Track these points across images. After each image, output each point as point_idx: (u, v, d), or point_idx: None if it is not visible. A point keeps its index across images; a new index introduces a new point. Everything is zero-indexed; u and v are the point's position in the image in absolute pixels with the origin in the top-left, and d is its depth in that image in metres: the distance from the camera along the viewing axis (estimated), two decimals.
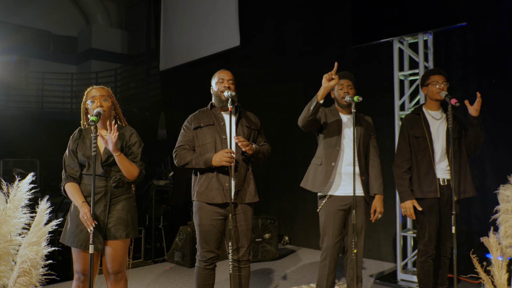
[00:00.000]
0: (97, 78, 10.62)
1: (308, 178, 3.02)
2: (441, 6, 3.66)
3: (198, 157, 2.62)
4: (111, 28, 12.41)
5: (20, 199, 1.96)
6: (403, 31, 3.88)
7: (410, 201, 2.96)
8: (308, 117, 2.79)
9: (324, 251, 2.94)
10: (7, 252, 1.83)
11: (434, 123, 3.08)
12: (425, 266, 3.05)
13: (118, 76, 10.27)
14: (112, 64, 11.50)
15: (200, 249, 2.69)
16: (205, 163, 2.59)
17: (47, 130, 9.35)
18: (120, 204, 2.46)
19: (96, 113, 2.31)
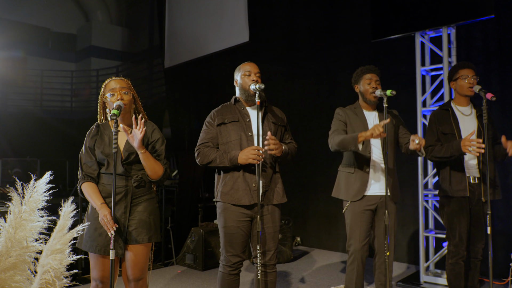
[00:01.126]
0: (98, 76, 10.40)
1: (340, 188, 2.87)
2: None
3: (222, 154, 2.46)
4: (111, 25, 12.20)
5: (37, 201, 1.78)
6: (426, 25, 3.73)
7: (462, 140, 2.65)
8: (343, 150, 2.72)
9: (352, 254, 2.79)
10: (23, 260, 1.66)
11: (464, 119, 2.93)
12: (455, 268, 2.92)
13: (119, 73, 10.06)
14: (113, 61, 11.28)
15: (225, 253, 2.52)
16: (230, 161, 2.42)
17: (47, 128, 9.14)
18: (142, 206, 2.29)
19: (116, 106, 2.14)
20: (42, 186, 1.79)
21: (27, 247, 1.71)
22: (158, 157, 2.34)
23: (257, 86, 2.40)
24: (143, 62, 10.22)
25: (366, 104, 2.88)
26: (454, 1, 3.58)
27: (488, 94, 2.70)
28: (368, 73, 2.87)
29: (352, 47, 5.13)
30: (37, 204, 1.78)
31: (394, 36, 3.95)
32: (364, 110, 2.87)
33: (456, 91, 2.97)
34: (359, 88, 2.91)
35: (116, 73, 9.90)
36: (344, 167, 2.87)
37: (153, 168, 2.25)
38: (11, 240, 1.73)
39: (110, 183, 2.24)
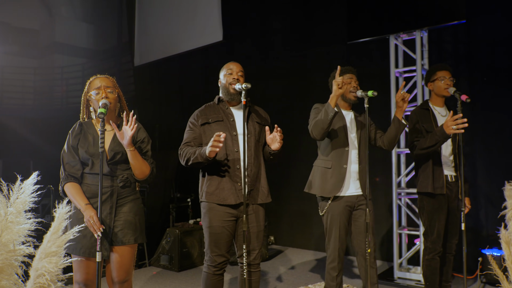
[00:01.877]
0: (62, 73, 10.04)
1: (314, 183, 2.87)
2: (440, 3, 3.65)
3: (195, 151, 2.40)
4: (76, 21, 11.81)
5: (24, 202, 1.70)
6: (401, 28, 3.85)
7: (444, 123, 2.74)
8: (326, 128, 2.68)
9: (331, 253, 2.82)
10: (10, 264, 1.58)
11: (441, 119, 3.05)
12: (432, 263, 3.02)
13: (85, 71, 9.75)
14: (78, 59, 10.93)
15: (210, 253, 2.50)
16: (201, 156, 2.34)
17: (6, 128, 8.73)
18: (127, 206, 2.24)
19: (103, 105, 2.08)
20: (29, 187, 1.72)
21: (14, 251, 1.63)
22: (145, 156, 2.29)
23: (243, 85, 2.39)
24: (110, 60, 9.95)
25: (345, 103, 2.93)
26: (427, 6, 3.72)
27: (463, 95, 2.83)
28: (347, 73, 2.92)
29: (326, 47, 5.21)
30: (24, 206, 1.71)
31: (370, 38, 4.05)
32: (342, 109, 2.92)
33: (434, 92, 3.08)
34: None
35: (82, 70, 9.59)
36: (320, 162, 2.87)
37: (140, 167, 2.20)
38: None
39: (94, 183, 2.18)
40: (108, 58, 10.40)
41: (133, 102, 7.98)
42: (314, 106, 2.97)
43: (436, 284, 3.05)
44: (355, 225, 2.83)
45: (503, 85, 4.00)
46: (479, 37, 4.13)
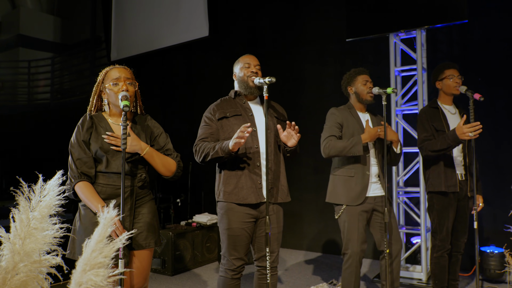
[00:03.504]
0: (30, 68, 9.47)
1: (337, 192, 2.80)
2: (442, 3, 3.67)
3: (215, 146, 2.26)
4: (42, 13, 11.20)
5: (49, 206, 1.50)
6: (401, 26, 3.83)
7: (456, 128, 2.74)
8: (342, 156, 2.71)
9: (349, 257, 2.75)
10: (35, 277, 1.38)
11: (450, 118, 3.05)
12: (441, 261, 3.01)
13: (55, 65, 9.23)
14: (45, 53, 10.36)
15: (228, 256, 2.35)
16: (222, 150, 2.20)
17: None
18: (146, 207, 2.07)
19: (123, 97, 1.89)
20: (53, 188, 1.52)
21: (39, 261, 1.43)
22: (167, 151, 2.13)
23: (266, 79, 2.26)
24: (82, 54, 9.50)
25: (361, 105, 2.88)
26: (429, 5, 3.72)
27: (475, 94, 2.82)
28: (362, 74, 2.88)
29: (318, 46, 5.15)
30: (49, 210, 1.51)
31: (370, 36, 4.02)
32: (358, 111, 2.87)
33: (442, 91, 3.07)
34: (353, 89, 2.89)
35: (52, 65, 9.09)
36: (341, 171, 2.80)
37: (162, 164, 2.05)
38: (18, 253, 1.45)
39: (110, 184, 1.98)
40: (79, 53, 9.93)
41: None
42: (330, 111, 2.89)
43: (445, 282, 3.04)
44: (377, 227, 2.77)
45: (498, 85, 4.08)
46: (474, 38, 4.20)
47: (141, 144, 2.00)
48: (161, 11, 6.46)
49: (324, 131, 2.85)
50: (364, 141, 2.62)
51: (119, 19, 7.12)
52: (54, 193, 1.53)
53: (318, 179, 4.99)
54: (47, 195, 1.52)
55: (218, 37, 5.98)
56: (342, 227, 2.79)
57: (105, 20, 7.47)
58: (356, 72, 2.91)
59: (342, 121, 2.80)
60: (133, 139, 1.96)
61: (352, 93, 2.91)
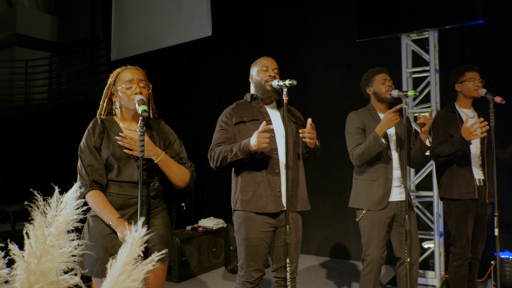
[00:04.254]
0: (27, 67, 9.30)
1: (360, 197, 2.70)
2: (456, 2, 3.58)
3: (232, 148, 2.15)
4: (39, 12, 11.04)
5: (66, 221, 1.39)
6: (414, 27, 3.74)
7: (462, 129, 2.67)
8: (372, 157, 2.57)
9: (369, 263, 2.66)
10: None
11: (469, 122, 2.95)
12: (461, 270, 2.93)
13: (53, 65, 9.07)
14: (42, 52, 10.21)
15: (246, 267, 2.24)
16: (242, 151, 2.09)
17: None
18: (159, 218, 1.96)
19: (140, 101, 1.78)
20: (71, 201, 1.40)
21: (57, 282, 1.32)
22: (181, 160, 2.02)
23: (287, 82, 2.16)
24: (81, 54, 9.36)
25: (381, 105, 2.78)
26: (442, 5, 3.64)
27: (496, 97, 2.74)
28: (380, 73, 2.78)
29: (324, 46, 5.05)
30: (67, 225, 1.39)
31: (382, 37, 3.93)
32: (379, 113, 2.77)
33: (461, 93, 2.99)
34: (372, 89, 2.80)
35: (49, 64, 8.92)
36: (364, 175, 2.70)
37: (176, 174, 1.93)
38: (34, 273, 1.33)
39: (121, 193, 1.87)
40: (77, 52, 9.78)
41: None
42: (349, 116, 2.79)
43: None
44: (398, 233, 2.68)
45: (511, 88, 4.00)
46: (486, 38, 4.12)
47: (157, 150, 1.89)
48: (163, 9, 6.34)
49: (348, 140, 2.74)
50: (380, 133, 2.48)
51: (119, 18, 6.99)
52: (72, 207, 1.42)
53: (326, 182, 4.90)
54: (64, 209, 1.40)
55: (221, 37, 5.86)
56: (362, 232, 2.70)
57: (104, 19, 7.33)
58: (373, 72, 2.82)
59: (362, 124, 2.70)
60: (147, 144, 1.85)
61: (371, 93, 2.81)
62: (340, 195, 4.78)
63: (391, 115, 2.48)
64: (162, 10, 6.36)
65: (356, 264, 4.63)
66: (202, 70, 6.23)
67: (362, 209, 2.68)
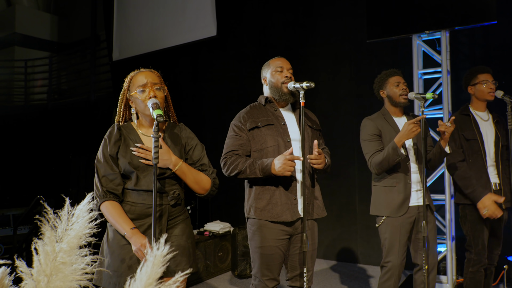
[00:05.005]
0: (26, 67, 9.20)
1: (380, 203, 2.62)
2: (469, 2, 3.49)
3: (253, 163, 2.09)
4: (39, 11, 10.93)
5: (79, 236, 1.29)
6: (426, 27, 3.66)
7: (487, 197, 2.65)
8: (390, 166, 2.50)
9: (389, 270, 2.58)
10: None
11: (483, 125, 2.89)
12: (477, 276, 2.86)
13: (53, 65, 8.97)
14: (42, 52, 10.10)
15: (260, 276, 2.17)
16: (262, 172, 2.05)
17: None
18: (179, 228, 1.88)
19: (154, 105, 1.69)
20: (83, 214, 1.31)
21: None
22: (202, 166, 1.93)
23: (304, 84, 2.08)
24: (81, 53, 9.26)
25: (395, 108, 2.70)
26: (454, 5, 3.55)
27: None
28: (394, 76, 2.70)
29: (332, 46, 4.97)
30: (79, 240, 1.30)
31: (393, 38, 3.84)
32: (393, 117, 2.69)
33: (474, 96, 2.91)
34: (386, 93, 2.71)
35: (50, 64, 8.82)
36: (383, 181, 2.62)
37: (196, 181, 1.86)
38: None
39: (140, 202, 1.79)
40: (78, 52, 9.68)
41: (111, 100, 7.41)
42: (363, 123, 2.70)
43: None
44: (417, 239, 2.60)
45: None
46: (498, 39, 4.04)
47: (173, 158, 1.81)
48: (166, 9, 6.24)
49: (364, 148, 2.66)
50: (399, 143, 2.41)
51: (121, 17, 6.89)
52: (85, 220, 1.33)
53: (333, 184, 4.81)
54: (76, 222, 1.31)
55: (226, 37, 5.77)
56: (382, 238, 2.63)
57: (106, 18, 7.23)
58: (387, 74, 2.74)
59: (378, 130, 2.61)
60: (164, 153, 1.76)
61: (384, 96, 2.73)
62: (347, 197, 4.70)
63: (411, 125, 2.38)
64: (165, 9, 6.26)
65: (364, 268, 4.55)
66: (207, 70, 6.14)
67: (382, 216, 2.60)
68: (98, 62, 8.11)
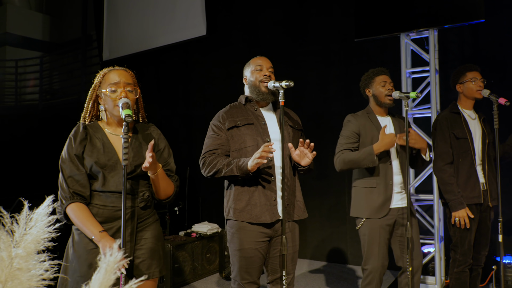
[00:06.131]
0: (17, 67, 9.12)
1: (360, 205, 2.58)
2: (457, 1, 3.46)
3: (230, 162, 2.05)
4: (30, 10, 10.84)
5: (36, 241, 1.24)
6: (414, 26, 3.63)
7: (463, 209, 2.68)
8: (354, 168, 2.53)
9: (370, 273, 2.54)
10: None
11: (472, 123, 2.86)
12: (462, 276, 2.83)
13: (44, 65, 8.89)
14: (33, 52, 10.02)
15: (240, 280, 2.12)
16: (239, 169, 2.00)
17: None
18: (149, 231, 1.82)
19: (125, 105, 1.64)
20: (42, 218, 1.26)
21: None
22: (168, 171, 1.88)
23: (283, 83, 2.03)
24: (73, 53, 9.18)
25: (380, 108, 2.66)
26: (443, 3, 3.52)
27: (500, 99, 2.65)
28: (381, 75, 2.67)
29: (322, 45, 4.93)
30: (36, 245, 1.25)
31: (381, 36, 3.81)
32: (378, 116, 2.65)
33: (463, 94, 2.88)
34: (371, 91, 2.68)
35: (41, 64, 8.74)
36: (363, 182, 2.59)
37: (164, 189, 1.81)
38: None
39: (108, 205, 1.73)
40: (69, 52, 9.60)
41: None
42: (346, 118, 2.67)
43: None
44: (399, 241, 2.56)
45: None
46: (487, 38, 4.01)
47: (158, 166, 1.76)
48: (156, 8, 6.19)
49: (339, 141, 2.63)
50: (377, 151, 2.39)
51: (111, 17, 6.83)
52: (43, 225, 1.27)
53: (322, 185, 4.78)
54: (34, 226, 1.26)
55: (216, 36, 5.73)
56: (362, 240, 2.59)
57: (96, 18, 7.17)
58: (374, 73, 2.70)
59: (359, 129, 2.58)
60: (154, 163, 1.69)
61: (370, 95, 2.70)
62: (337, 198, 4.67)
63: (395, 139, 2.40)
64: (155, 9, 6.21)
65: (354, 268, 4.51)
66: (197, 70, 6.09)
67: (362, 218, 2.56)
68: (89, 62, 8.05)
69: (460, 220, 2.69)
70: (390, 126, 2.65)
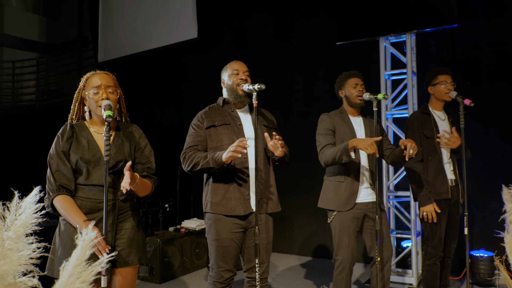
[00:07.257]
0: (14, 68, 9.27)
1: (328, 197, 2.76)
2: (431, 6, 3.64)
3: (207, 155, 2.21)
4: (27, 12, 10.98)
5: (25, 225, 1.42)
6: (392, 30, 3.80)
7: (431, 204, 2.85)
8: (336, 164, 2.63)
9: (340, 264, 2.71)
10: None
11: (441, 124, 3.03)
12: (433, 269, 2.99)
13: (41, 66, 9.05)
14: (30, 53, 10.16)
15: (216, 268, 2.29)
16: (215, 161, 2.14)
17: None
18: (129, 222, 1.99)
19: (107, 106, 1.81)
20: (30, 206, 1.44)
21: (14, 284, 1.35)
22: (148, 170, 2.05)
23: (256, 86, 2.20)
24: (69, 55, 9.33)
25: (352, 108, 2.84)
26: (419, 9, 3.70)
27: (466, 100, 2.81)
28: (353, 77, 2.84)
29: (308, 48, 5.11)
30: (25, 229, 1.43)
31: (361, 40, 3.98)
32: (350, 116, 2.83)
33: (434, 96, 3.05)
34: (344, 93, 2.85)
35: (37, 65, 8.90)
36: (332, 176, 2.77)
37: (142, 192, 1.97)
38: None
39: (90, 197, 1.90)
40: (65, 53, 9.75)
41: None
42: (321, 117, 2.84)
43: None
44: (369, 234, 2.73)
45: (487, 90, 4.07)
46: (463, 41, 4.19)
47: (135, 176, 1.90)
48: (149, 12, 6.36)
49: (318, 140, 2.79)
50: (350, 145, 2.47)
51: (106, 20, 7.00)
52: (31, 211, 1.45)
53: (309, 182, 4.95)
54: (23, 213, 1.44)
55: (208, 39, 5.90)
56: (333, 233, 2.76)
57: (92, 20, 7.33)
58: (346, 75, 2.87)
59: (333, 126, 2.76)
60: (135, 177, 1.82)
61: (343, 96, 2.87)
62: None
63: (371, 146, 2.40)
64: (148, 12, 6.38)
65: None
66: (189, 71, 6.26)
67: (333, 211, 2.73)
68: (85, 63, 8.20)
69: (428, 214, 2.86)
70: (361, 125, 2.82)
